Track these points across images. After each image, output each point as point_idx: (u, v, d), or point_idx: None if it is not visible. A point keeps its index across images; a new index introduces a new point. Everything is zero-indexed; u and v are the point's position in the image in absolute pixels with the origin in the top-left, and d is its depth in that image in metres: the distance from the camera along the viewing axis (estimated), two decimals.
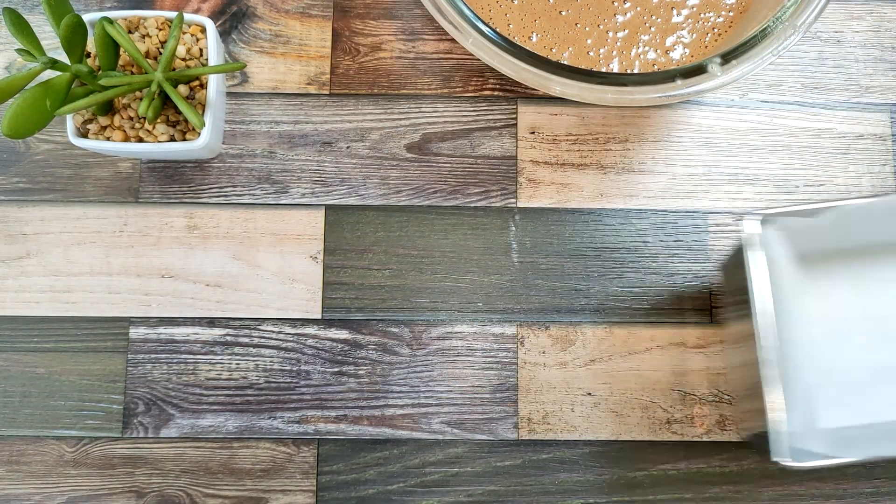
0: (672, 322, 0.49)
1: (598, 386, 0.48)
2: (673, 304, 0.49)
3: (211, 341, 0.49)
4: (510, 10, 0.46)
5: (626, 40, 0.46)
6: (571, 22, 0.46)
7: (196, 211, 0.50)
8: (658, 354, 0.49)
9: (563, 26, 0.46)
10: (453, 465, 0.48)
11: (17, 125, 0.39)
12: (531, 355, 0.49)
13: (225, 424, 0.48)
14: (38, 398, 0.48)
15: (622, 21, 0.46)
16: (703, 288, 0.50)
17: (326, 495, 0.47)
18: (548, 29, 0.46)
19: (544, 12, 0.46)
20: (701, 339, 0.49)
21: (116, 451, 0.48)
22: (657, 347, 0.49)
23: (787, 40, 0.39)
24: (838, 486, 0.48)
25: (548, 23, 0.46)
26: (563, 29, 0.46)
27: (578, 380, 0.48)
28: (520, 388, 0.48)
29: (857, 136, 0.51)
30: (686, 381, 0.48)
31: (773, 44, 0.39)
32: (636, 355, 0.49)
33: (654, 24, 0.46)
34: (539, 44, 0.46)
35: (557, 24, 0.46)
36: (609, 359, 0.49)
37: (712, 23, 0.46)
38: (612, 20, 0.46)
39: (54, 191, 0.50)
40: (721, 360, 0.48)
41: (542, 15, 0.46)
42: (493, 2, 0.46)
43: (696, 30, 0.46)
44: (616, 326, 0.49)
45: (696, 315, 0.49)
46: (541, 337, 0.49)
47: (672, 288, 0.50)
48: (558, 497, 0.48)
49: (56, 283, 0.49)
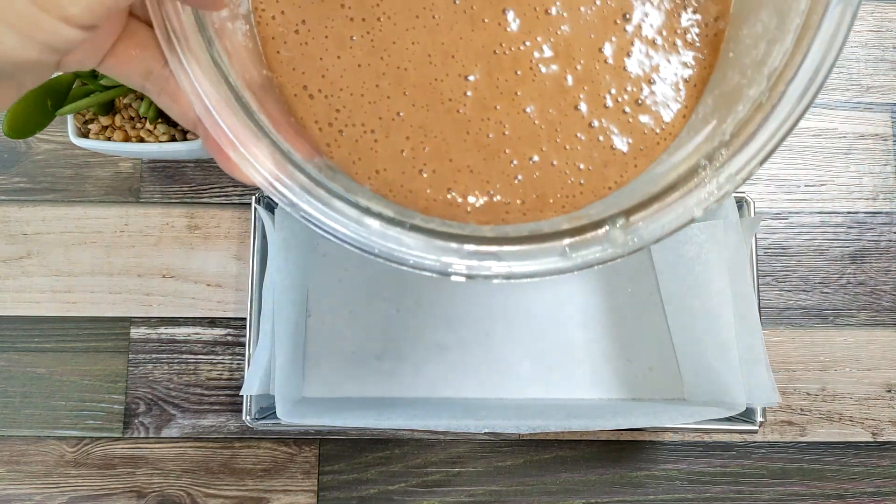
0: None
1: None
2: None
3: (212, 341, 0.49)
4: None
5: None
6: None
7: (197, 211, 0.50)
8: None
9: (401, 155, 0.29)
10: (455, 465, 0.48)
11: (18, 125, 0.38)
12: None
13: (226, 424, 0.48)
14: (38, 398, 0.48)
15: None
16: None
17: (328, 495, 0.47)
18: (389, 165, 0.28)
19: (391, 158, 0.28)
20: None
21: (117, 451, 0.48)
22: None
23: (711, 196, 0.24)
24: (840, 485, 0.48)
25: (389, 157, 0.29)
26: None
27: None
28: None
29: (859, 135, 0.51)
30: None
31: (693, 198, 0.24)
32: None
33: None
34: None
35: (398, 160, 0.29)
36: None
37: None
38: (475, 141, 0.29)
39: (55, 191, 0.50)
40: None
41: (388, 164, 0.28)
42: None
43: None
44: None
45: None
46: None
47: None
48: (560, 496, 0.47)
49: (57, 283, 0.49)
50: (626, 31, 0.29)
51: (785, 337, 0.50)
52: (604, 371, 0.48)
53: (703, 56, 0.29)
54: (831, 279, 0.50)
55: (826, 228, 0.51)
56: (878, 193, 0.51)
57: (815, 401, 0.49)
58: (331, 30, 0.28)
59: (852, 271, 0.50)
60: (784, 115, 0.24)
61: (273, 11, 0.28)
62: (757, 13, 0.28)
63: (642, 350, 0.48)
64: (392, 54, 0.28)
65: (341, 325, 0.48)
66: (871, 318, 0.50)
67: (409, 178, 0.27)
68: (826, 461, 0.48)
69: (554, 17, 0.29)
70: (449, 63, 0.28)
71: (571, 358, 0.48)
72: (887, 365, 0.49)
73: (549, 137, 0.28)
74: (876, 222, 0.51)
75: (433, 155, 0.27)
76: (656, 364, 0.48)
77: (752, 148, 0.24)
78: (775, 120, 0.24)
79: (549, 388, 0.48)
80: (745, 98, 0.25)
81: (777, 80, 0.24)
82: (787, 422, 0.49)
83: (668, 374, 0.48)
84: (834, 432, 0.49)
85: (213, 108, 0.22)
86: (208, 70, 0.23)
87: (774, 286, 0.50)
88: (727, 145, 0.24)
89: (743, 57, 0.28)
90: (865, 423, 0.49)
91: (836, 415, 0.49)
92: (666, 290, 0.48)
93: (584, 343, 0.48)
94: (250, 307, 0.44)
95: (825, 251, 0.50)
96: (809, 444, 0.48)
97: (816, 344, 0.49)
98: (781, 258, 0.50)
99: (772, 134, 0.24)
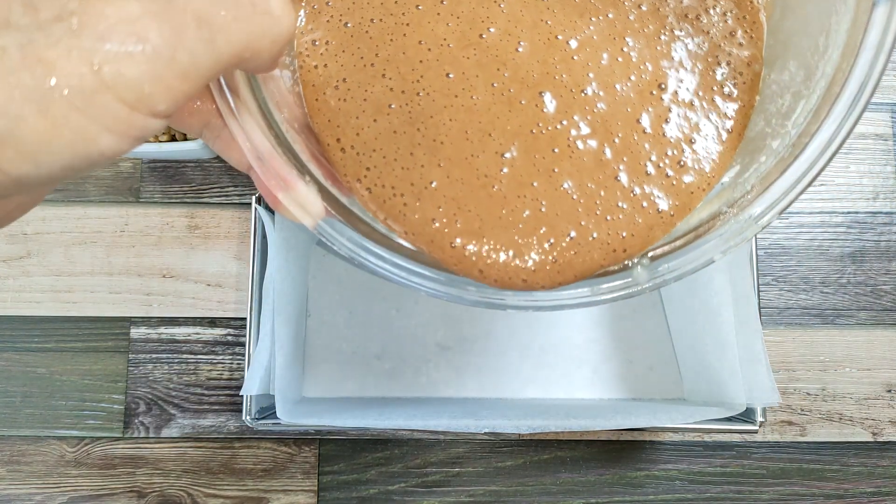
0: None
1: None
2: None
3: (212, 341, 0.49)
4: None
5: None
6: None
7: (197, 211, 0.50)
8: None
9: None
10: (454, 465, 0.48)
11: None
12: None
13: (226, 424, 0.48)
14: (39, 398, 0.48)
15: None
16: None
17: (327, 495, 0.47)
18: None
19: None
20: None
21: (117, 451, 0.48)
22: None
23: (730, 241, 0.25)
24: (840, 485, 0.48)
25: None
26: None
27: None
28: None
29: (858, 135, 0.51)
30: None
31: (712, 241, 0.26)
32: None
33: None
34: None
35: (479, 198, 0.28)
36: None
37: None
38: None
39: (55, 190, 0.50)
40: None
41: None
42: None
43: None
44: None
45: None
46: None
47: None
48: (559, 497, 0.47)
49: (57, 283, 0.49)
50: (663, 100, 0.29)
51: (785, 337, 0.50)
52: (604, 371, 0.48)
53: (742, 104, 0.29)
54: (831, 279, 0.50)
55: (826, 228, 0.51)
56: (878, 193, 0.51)
57: (815, 401, 0.49)
58: (370, 94, 0.28)
59: (852, 271, 0.50)
60: (804, 168, 0.24)
61: (316, 61, 0.28)
62: (784, 60, 0.28)
63: (642, 350, 0.48)
64: (429, 127, 0.27)
65: (341, 325, 0.48)
66: (871, 318, 0.50)
67: (438, 248, 0.27)
68: (826, 461, 0.48)
69: (590, 97, 0.28)
70: (486, 140, 0.27)
71: (571, 358, 0.48)
72: (887, 365, 0.49)
73: (587, 211, 0.27)
74: (876, 222, 0.51)
75: (465, 231, 0.27)
76: (656, 364, 0.48)
77: (771, 195, 0.25)
78: (795, 172, 0.25)
79: (549, 388, 0.48)
80: (769, 150, 0.26)
81: (799, 138, 0.25)
82: (787, 422, 0.49)
83: (668, 374, 0.48)
84: (834, 432, 0.49)
85: (263, 157, 0.23)
86: (258, 119, 0.23)
87: (774, 286, 0.50)
88: (749, 193, 0.26)
89: (768, 103, 0.28)
90: (865, 423, 0.49)
91: (836, 415, 0.49)
92: (666, 290, 0.48)
93: (584, 343, 0.48)
94: (250, 307, 0.44)
95: (825, 251, 0.50)
96: (809, 444, 0.48)
97: (816, 344, 0.49)
98: (781, 258, 0.50)
99: (792, 185, 0.25)
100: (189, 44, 0.16)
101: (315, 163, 0.26)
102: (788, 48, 0.28)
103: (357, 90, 0.28)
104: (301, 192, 0.23)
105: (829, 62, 0.25)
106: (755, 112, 0.29)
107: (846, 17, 0.25)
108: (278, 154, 0.23)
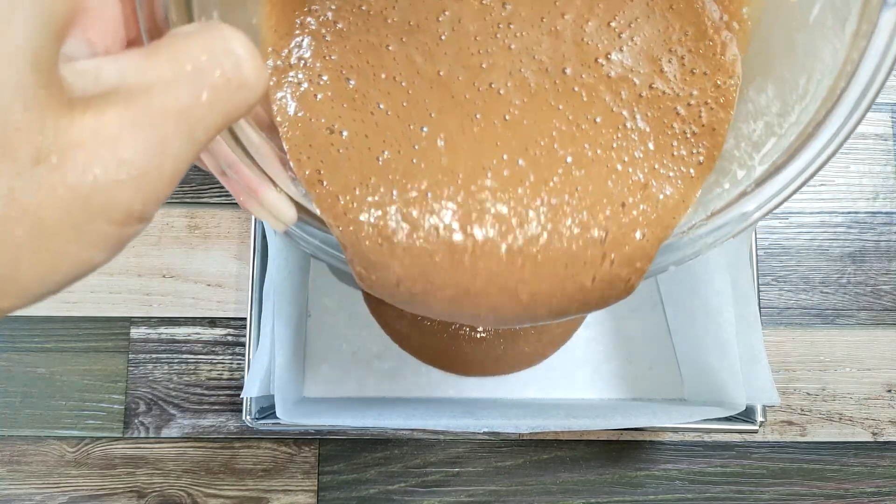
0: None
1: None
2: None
3: (212, 341, 0.49)
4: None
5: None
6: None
7: (197, 211, 0.50)
8: None
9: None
10: (454, 465, 0.48)
11: None
12: None
13: (226, 424, 0.48)
14: (39, 398, 0.48)
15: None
16: None
17: (327, 495, 0.47)
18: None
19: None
20: None
21: (117, 451, 0.48)
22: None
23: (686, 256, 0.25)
24: (840, 485, 0.48)
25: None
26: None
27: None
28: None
29: (859, 135, 0.51)
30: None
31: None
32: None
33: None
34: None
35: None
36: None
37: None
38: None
39: None
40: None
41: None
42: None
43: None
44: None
45: None
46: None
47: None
48: (559, 497, 0.47)
49: None
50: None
51: (785, 337, 0.50)
52: (604, 371, 0.48)
53: (706, 146, 0.26)
54: (831, 279, 0.50)
55: (826, 228, 0.51)
56: (878, 193, 0.51)
57: (815, 401, 0.49)
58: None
59: (852, 271, 0.50)
60: (762, 200, 0.23)
61: (302, 154, 0.26)
62: (764, 82, 0.26)
63: (642, 350, 0.48)
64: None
65: (341, 325, 0.48)
66: (871, 317, 0.50)
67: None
68: (826, 461, 0.48)
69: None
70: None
71: (571, 358, 0.48)
72: (887, 365, 0.49)
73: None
74: (876, 222, 0.51)
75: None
76: (656, 364, 0.48)
77: (725, 217, 0.24)
78: (752, 203, 0.24)
79: (548, 388, 0.48)
80: (733, 177, 0.25)
81: (764, 177, 0.24)
82: (787, 422, 0.49)
83: (668, 374, 0.48)
84: (834, 432, 0.49)
85: (231, 167, 0.22)
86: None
87: (774, 286, 0.50)
88: (709, 214, 0.24)
89: (740, 121, 0.26)
90: (865, 423, 0.49)
91: (837, 415, 0.49)
92: (666, 290, 0.48)
93: (584, 343, 0.48)
94: (250, 307, 0.44)
95: (825, 251, 0.50)
96: (809, 444, 0.48)
97: (816, 344, 0.49)
98: (781, 258, 0.50)
99: (749, 213, 0.24)
100: (172, 150, 0.16)
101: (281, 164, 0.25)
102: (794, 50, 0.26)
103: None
104: (270, 199, 0.23)
105: (830, 69, 0.24)
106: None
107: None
108: (245, 163, 0.23)
